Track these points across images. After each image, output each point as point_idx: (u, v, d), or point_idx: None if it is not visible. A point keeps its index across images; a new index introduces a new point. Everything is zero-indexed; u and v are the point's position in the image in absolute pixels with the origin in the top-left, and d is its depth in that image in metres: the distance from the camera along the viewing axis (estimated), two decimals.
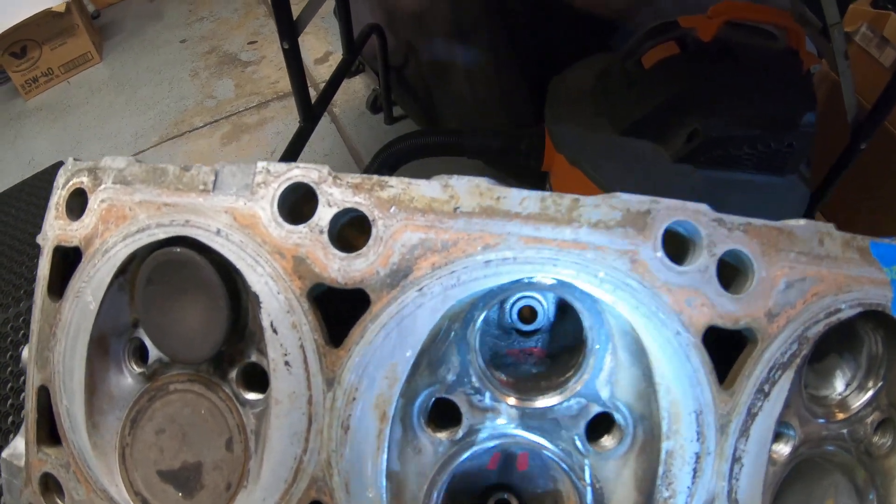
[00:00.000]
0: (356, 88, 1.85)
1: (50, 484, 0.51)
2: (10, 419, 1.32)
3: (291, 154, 1.27)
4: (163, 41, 2.20)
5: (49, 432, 0.51)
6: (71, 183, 0.49)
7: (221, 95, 1.92)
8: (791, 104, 0.91)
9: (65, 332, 0.47)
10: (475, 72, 1.33)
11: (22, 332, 1.52)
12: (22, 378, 1.41)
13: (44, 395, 0.50)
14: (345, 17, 1.42)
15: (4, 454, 0.59)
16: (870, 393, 0.47)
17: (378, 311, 0.35)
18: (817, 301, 0.40)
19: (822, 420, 0.46)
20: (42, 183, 1.77)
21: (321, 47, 2.06)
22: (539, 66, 1.26)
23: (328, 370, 0.35)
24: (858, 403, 0.47)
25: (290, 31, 1.09)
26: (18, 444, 0.59)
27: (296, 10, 1.09)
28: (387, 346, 0.34)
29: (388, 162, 1.20)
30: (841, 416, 0.47)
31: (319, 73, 1.96)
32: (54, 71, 2.06)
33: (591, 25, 1.25)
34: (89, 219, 0.46)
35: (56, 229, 0.49)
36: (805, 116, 0.90)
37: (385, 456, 0.35)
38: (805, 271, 0.40)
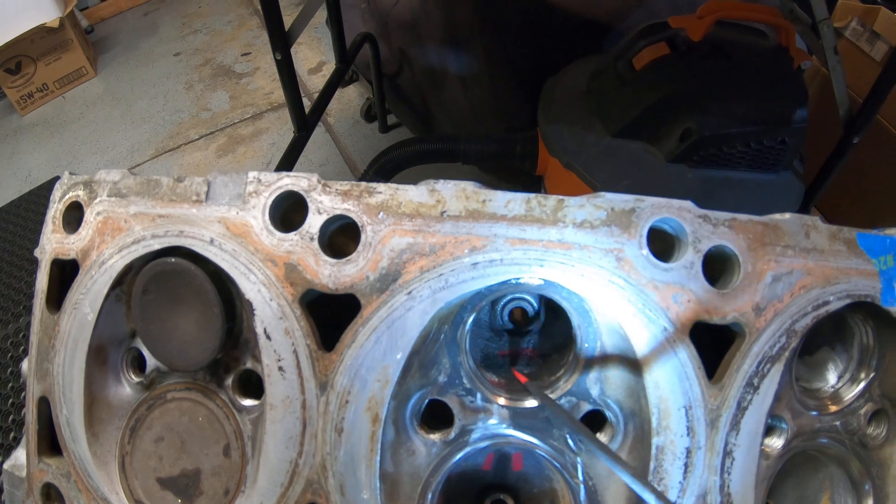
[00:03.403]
0: (350, 97, 1.86)
1: (51, 494, 0.51)
2: (11, 435, 1.32)
3: (287, 164, 1.27)
4: (157, 54, 2.22)
5: (50, 443, 0.51)
6: (67, 197, 0.49)
7: (216, 107, 1.93)
8: (783, 101, 0.91)
9: (64, 343, 0.48)
10: (469, 78, 1.34)
11: (21, 347, 1.52)
12: (23, 393, 1.41)
13: (44, 406, 0.51)
14: (337, 26, 1.43)
15: (6, 465, 0.59)
16: (862, 384, 0.48)
17: (368, 315, 0.35)
18: (804, 294, 0.40)
19: (814, 413, 0.46)
20: (39, 198, 1.78)
21: (314, 57, 2.07)
22: (532, 70, 1.27)
23: (321, 374, 0.36)
24: (851, 395, 0.48)
25: (282, 41, 1.10)
26: (20, 456, 0.59)
27: (288, 21, 1.10)
28: (378, 350, 0.35)
29: (383, 169, 1.21)
30: (834, 408, 0.47)
31: (313, 83, 1.97)
32: (49, 86, 2.07)
33: (583, 28, 1.26)
34: (86, 231, 0.47)
35: (53, 242, 0.50)
36: (797, 112, 0.90)
37: (378, 458, 0.35)
38: (791, 265, 0.40)
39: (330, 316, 0.38)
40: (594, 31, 1.27)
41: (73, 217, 0.48)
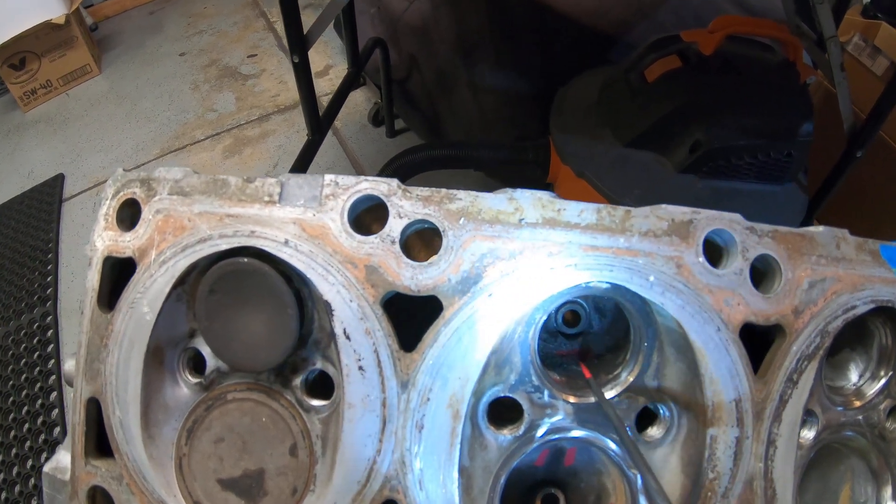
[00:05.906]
0: (357, 101, 1.87)
1: (98, 497, 0.50)
2: (12, 433, 1.31)
3: (300, 167, 1.28)
4: (162, 54, 2.21)
5: (97, 445, 0.50)
6: (122, 193, 0.48)
7: (222, 108, 1.93)
8: (789, 115, 0.95)
9: (118, 343, 0.47)
10: (479, 84, 1.36)
11: (24, 345, 1.50)
12: (24, 391, 1.40)
13: (93, 407, 0.50)
14: (350, 31, 1.44)
15: (46, 468, 0.58)
16: (882, 381, 0.51)
17: (450, 315, 0.37)
18: (836, 299, 0.44)
19: (840, 408, 0.49)
20: (41, 195, 1.76)
21: (321, 61, 2.08)
22: (542, 77, 1.30)
23: (402, 373, 0.38)
24: (872, 391, 0.51)
25: (300, 45, 1.11)
26: (62, 458, 0.58)
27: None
28: (459, 349, 0.37)
29: (395, 175, 1.22)
30: (857, 403, 0.51)
31: (320, 87, 1.98)
32: (53, 83, 2.05)
33: (592, 38, 1.29)
34: (143, 229, 0.46)
35: (106, 240, 0.48)
36: (803, 126, 0.94)
37: (458, 452, 0.37)
38: (825, 272, 0.43)
39: (396, 317, 0.40)
40: (602, 41, 1.30)
41: (128, 214, 0.48)
